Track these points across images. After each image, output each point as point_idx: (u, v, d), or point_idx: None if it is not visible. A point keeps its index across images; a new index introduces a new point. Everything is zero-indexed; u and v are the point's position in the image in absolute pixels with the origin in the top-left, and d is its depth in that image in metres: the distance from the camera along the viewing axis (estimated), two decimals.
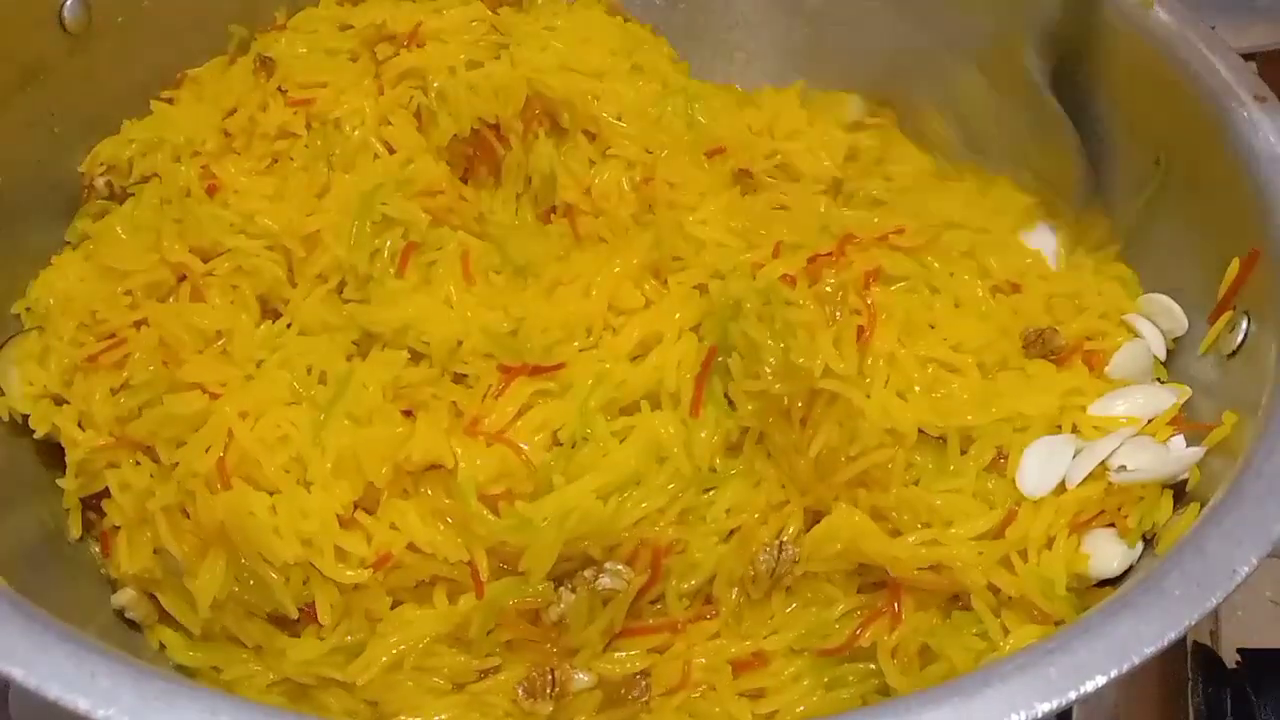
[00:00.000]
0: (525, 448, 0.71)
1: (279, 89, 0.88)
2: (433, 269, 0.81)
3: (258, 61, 0.90)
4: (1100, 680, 0.51)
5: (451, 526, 0.70)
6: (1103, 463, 0.68)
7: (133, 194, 0.87)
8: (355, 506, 0.70)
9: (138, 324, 0.78)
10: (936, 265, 0.78)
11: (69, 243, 0.87)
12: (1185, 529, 0.61)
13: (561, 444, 0.72)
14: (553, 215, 0.89)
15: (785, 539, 0.72)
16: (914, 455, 0.70)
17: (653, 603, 0.72)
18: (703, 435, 0.73)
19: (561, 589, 0.69)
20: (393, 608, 0.70)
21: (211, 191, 0.83)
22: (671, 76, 0.94)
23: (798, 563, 0.71)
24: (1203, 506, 0.62)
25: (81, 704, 0.49)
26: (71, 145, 0.88)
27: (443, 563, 0.70)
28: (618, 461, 0.71)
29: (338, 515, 0.69)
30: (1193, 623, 0.54)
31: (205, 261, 0.81)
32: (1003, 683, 0.51)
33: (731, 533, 0.73)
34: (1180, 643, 0.71)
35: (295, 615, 0.69)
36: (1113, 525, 0.68)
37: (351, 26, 0.92)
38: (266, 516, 0.68)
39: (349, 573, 0.68)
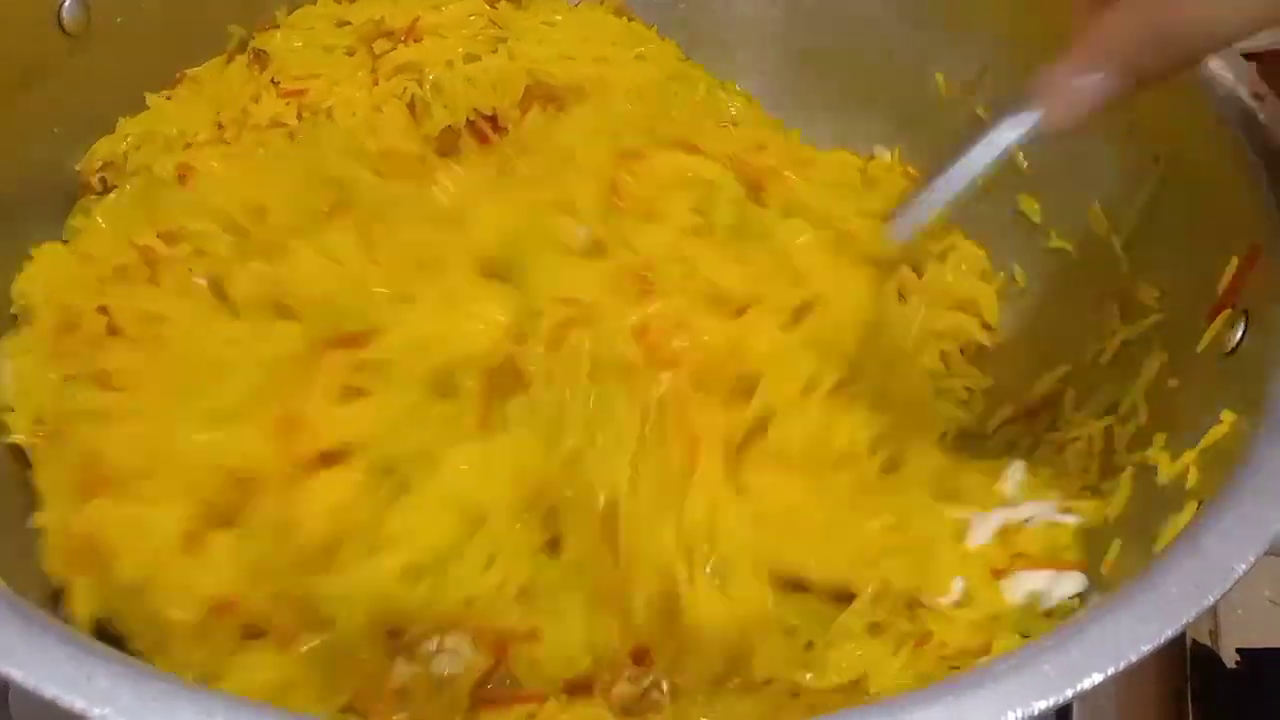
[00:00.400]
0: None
1: (272, 81, 0.88)
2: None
3: (251, 54, 0.90)
4: (1097, 678, 0.51)
5: (263, 569, 0.61)
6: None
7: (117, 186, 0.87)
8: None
9: (101, 309, 0.77)
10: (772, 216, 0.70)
11: (66, 242, 0.87)
12: (1182, 527, 0.61)
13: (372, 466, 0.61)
14: None
15: (648, 685, 0.60)
16: (789, 618, 0.63)
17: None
18: (509, 464, 0.61)
19: (399, 658, 0.60)
20: (252, 637, 0.63)
21: (184, 178, 0.83)
22: (681, 66, 0.93)
23: (666, 697, 0.61)
24: (1200, 504, 0.62)
25: (79, 704, 0.49)
26: (71, 146, 0.89)
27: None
28: (424, 533, 0.59)
29: (188, 531, 0.63)
30: (1190, 621, 0.54)
31: (172, 246, 0.80)
32: (998, 681, 0.51)
33: None
34: (1179, 642, 0.71)
35: (146, 643, 0.64)
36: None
37: (349, 23, 0.93)
38: (117, 534, 0.63)
39: (179, 613, 0.61)
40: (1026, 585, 0.67)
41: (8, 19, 0.82)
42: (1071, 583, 0.68)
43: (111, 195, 0.87)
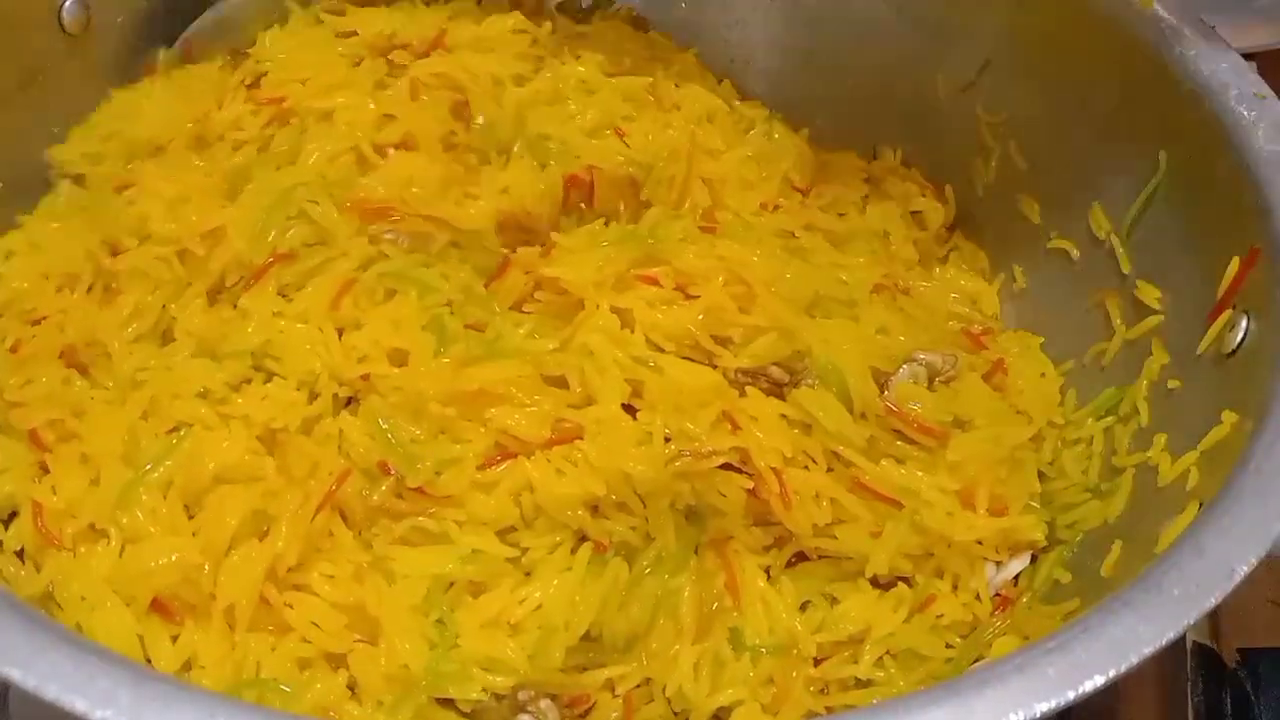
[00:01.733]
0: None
1: (244, 84, 0.86)
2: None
3: (228, 56, 0.89)
4: (1099, 680, 0.51)
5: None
6: None
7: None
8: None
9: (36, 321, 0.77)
10: None
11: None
12: (1184, 528, 0.61)
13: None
14: None
15: None
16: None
17: None
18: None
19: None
20: None
21: (121, 189, 0.81)
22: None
23: None
24: (1201, 506, 0.62)
25: (79, 704, 0.49)
26: None
27: None
28: None
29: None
30: (1192, 622, 0.54)
31: (114, 255, 0.79)
32: (1002, 683, 0.51)
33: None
34: (1180, 642, 0.71)
35: None
36: None
37: (356, 33, 0.89)
38: (71, 610, 0.65)
39: None
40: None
41: (8, 19, 0.82)
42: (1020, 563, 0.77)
43: (62, 190, 0.84)
